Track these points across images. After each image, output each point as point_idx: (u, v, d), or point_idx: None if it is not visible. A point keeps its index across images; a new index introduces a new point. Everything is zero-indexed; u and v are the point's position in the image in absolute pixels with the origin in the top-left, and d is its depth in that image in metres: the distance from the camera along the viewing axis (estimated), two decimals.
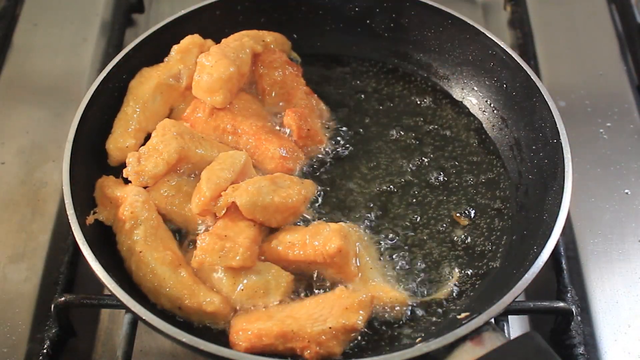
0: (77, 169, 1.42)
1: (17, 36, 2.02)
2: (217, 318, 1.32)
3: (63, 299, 1.42)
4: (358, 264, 1.39)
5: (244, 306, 1.33)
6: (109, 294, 1.29)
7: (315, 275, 1.39)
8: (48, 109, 1.85)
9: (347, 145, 1.63)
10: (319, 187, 1.54)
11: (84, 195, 1.43)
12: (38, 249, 1.59)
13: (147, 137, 1.52)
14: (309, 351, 1.25)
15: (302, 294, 1.37)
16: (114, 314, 1.53)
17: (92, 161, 1.49)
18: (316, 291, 1.38)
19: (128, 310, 1.26)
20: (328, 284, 1.38)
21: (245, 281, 1.33)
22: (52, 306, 1.42)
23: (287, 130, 1.58)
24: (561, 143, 1.45)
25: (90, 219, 1.40)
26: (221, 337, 1.32)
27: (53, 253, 1.59)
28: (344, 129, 1.66)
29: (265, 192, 1.39)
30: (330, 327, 1.26)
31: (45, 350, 1.42)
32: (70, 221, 1.33)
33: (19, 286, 1.53)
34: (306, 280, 1.39)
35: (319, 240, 1.35)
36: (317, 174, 1.57)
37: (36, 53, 1.99)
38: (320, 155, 1.60)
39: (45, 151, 1.76)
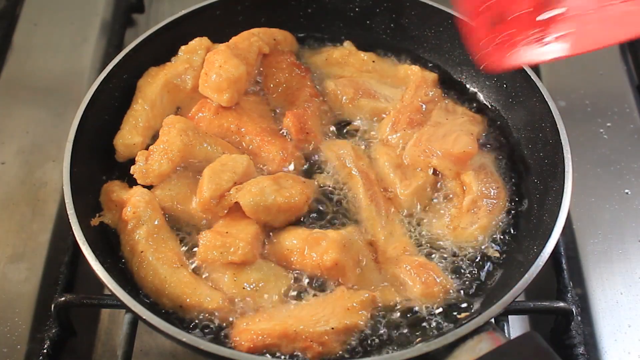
0: (78, 168, 1.42)
1: (17, 36, 2.03)
2: (218, 314, 1.32)
3: (63, 299, 1.42)
4: (360, 269, 1.38)
5: (245, 304, 1.34)
6: (109, 294, 1.29)
7: (317, 275, 1.39)
8: (48, 109, 1.86)
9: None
10: (324, 187, 1.53)
11: (84, 195, 1.43)
12: (38, 249, 1.59)
13: (155, 135, 1.53)
14: (311, 351, 1.25)
15: (303, 294, 1.37)
16: (114, 314, 1.53)
17: (93, 161, 1.49)
18: (315, 290, 1.38)
19: (128, 310, 1.26)
20: (329, 285, 1.38)
21: (246, 278, 1.34)
22: (52, 306, 1.42)
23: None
24: (561, 143, 1.46)
25: (95, 221, 1.40)
26: (221, 336, 1.32)
27: (53, 253, 1.59)
28: (346, 129, 1.65)
29: (268, 193, 1.39)
30: (332, 328, 1.26)
31: (45, 350, 1.42)
32: (70, 221, 1.33)
33: (19, 286, 1.53)
34: (307, 280, 1.39)
35: (316, 251, 1.36)
36: (321, 174, 1.56)
37: (36, 53, 1.99)
38: (322, 156, 1.59)
39: (45, 151, 1.76)
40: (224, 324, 1.33)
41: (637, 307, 1.53)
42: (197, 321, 1.33)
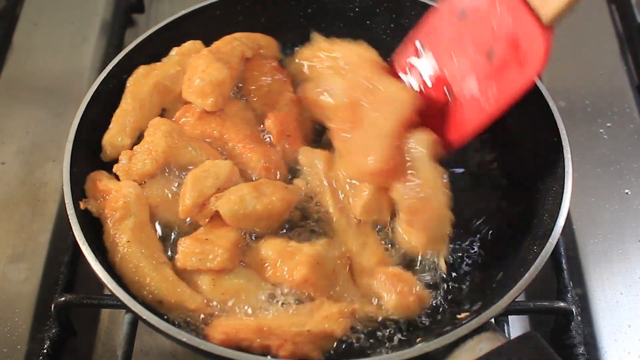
0: (77, 168, 1.42)
1: (17, 36, 2.03)
2: (196, 316, 1.31)
3: (63, 299, 1.42)
4: (333, 285, 1.37)
5: (222, 308, 1.32)
6: (109, 294, 1.29)
7: (288, 288, 1.37)
8: (48, 109, 1.86)
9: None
10: (305, 193, 1.50)
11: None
12: (38, 249, 1.59)
13: (141, 135, 1.52)
14: (284, 350, 1.23)
15: (283, 302, 1.35)
16: (114, 314, 1.53)
17: (93, 161, 1.49)
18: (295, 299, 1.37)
19: (128, 310, 1.26)
20: (308, 295, 1.36)
21: (225, 284, 1.33)
22: (52, 306, 1.42)
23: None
24: (561, 143, 1.46)
25: (83, 205, 1.38)
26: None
27: (53, 253, 1.59)
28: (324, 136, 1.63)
29: (248, 200, 1.38)
30: (308, 330, 1.25)
31: (45, 350, 1.42)
32: (70, 221, 1.33)
33: (19, 286, 1.53)
34: (286, 289, 1.36)
35: (288, 265, 1.34)
36: (301, 181, 1.53)
37: (36, 53, 1.99)
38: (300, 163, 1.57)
39: (45, 151, 1.76)
40: (202, 325, 1.31)
41: (637, 307, 1.53)
42: (176, 318, 1.32)
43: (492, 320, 1.23)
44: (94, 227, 1.40)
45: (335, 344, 1.29)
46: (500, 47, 1.38)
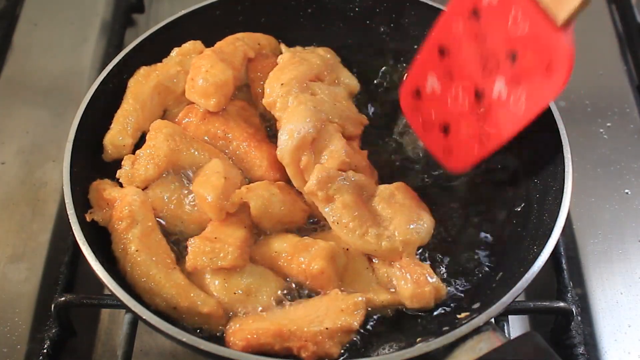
0: (77, 169, 1.42)
1: (17, 36, 2.03)
2: (211, 320, 1.31)
3: (63, 299, 1.42)
4: (344, 279, 1.38)
5: (236, 308, 1.33)
6: (109, 294, 1.29)
7: (301, 281, 1.38)
8: (48, 109, 1.86)
9: None
10: None
11: (85, 195, 1.43)
12: (38, 249, 1.59)
13: (143, 136, 1.52)
14: (305, 350, 1.25)
15: (296, 296, 1.36)
16: (114, 314, 1.53)
17: (93, 161, 1.49)
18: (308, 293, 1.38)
19: (128, 310, 1.26)
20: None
21: (236, 283, 1.33)
22: (52, 306, 1.42)
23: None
24: (561, 143, 1.46)
25: (89, 217, 1.39)
26: (220, 337, 1.31)
27: (53, 253, 1.59)
28: None
29: (275, 201, 1.40)
30: (327, 328, 1.26)
31: (45, 350, 1.42)
32: (70, 221, 1.33)
33: (19, 286, 1.53)
34: (298, 284, 1.38)
35: (304, 257, 1.35)
36: None
37: (36, 53, 1.99)
38: None
39: (45, 151, 1.77)
40: (217, 329, 1.32)
41: (637, 307, 1.53)
42: (190, 324, 1.32)
43: (492, 320, 1.23)
44: (94, 227, 1.40)
45: (353, 337, 1.31)
46: (521, 49, 1.32)
